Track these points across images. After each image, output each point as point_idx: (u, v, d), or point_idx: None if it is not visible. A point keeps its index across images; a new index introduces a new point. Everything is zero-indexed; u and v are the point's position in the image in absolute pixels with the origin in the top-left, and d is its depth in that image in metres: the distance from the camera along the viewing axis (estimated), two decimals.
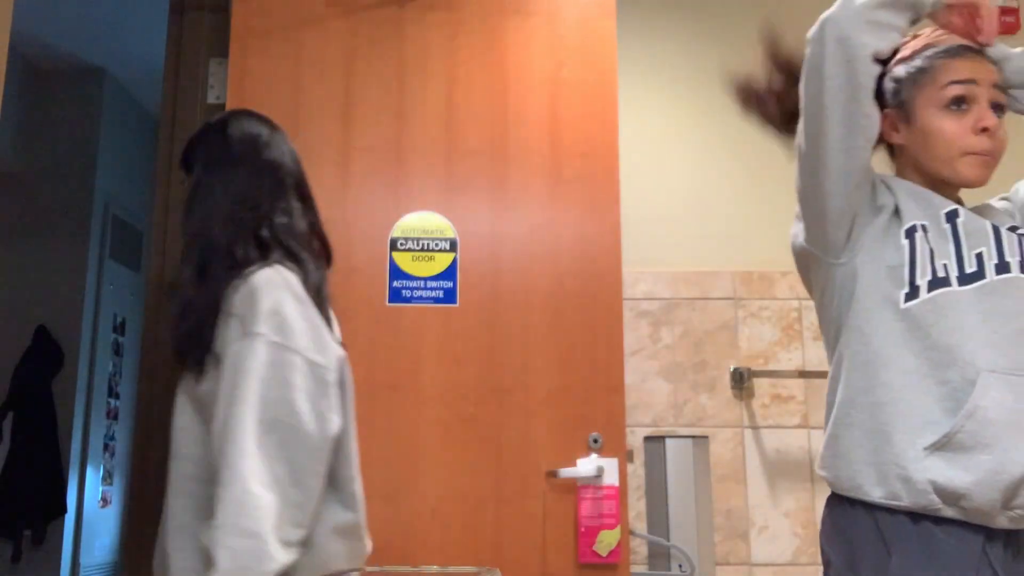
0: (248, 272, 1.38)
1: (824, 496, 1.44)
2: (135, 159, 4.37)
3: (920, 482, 1.21)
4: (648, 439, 2.05)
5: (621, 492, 1.94)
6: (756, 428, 2.32)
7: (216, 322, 1.37)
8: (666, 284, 2.39)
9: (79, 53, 3.89)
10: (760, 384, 2.34)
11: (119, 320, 4.18)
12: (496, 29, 2.16)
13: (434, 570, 1.90)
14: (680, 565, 1.93)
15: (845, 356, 1.33)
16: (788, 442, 2.32)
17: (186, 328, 1.40)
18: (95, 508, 3.93)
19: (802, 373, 2.33)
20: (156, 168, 2.17)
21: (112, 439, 4.11)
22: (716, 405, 2.32)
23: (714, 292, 2.39)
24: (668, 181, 2.47)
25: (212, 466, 1.30)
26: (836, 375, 1.35)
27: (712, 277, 2.41)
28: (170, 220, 2.14)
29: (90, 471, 3.86)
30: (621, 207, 2.13)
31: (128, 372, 4.26)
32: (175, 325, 1.42)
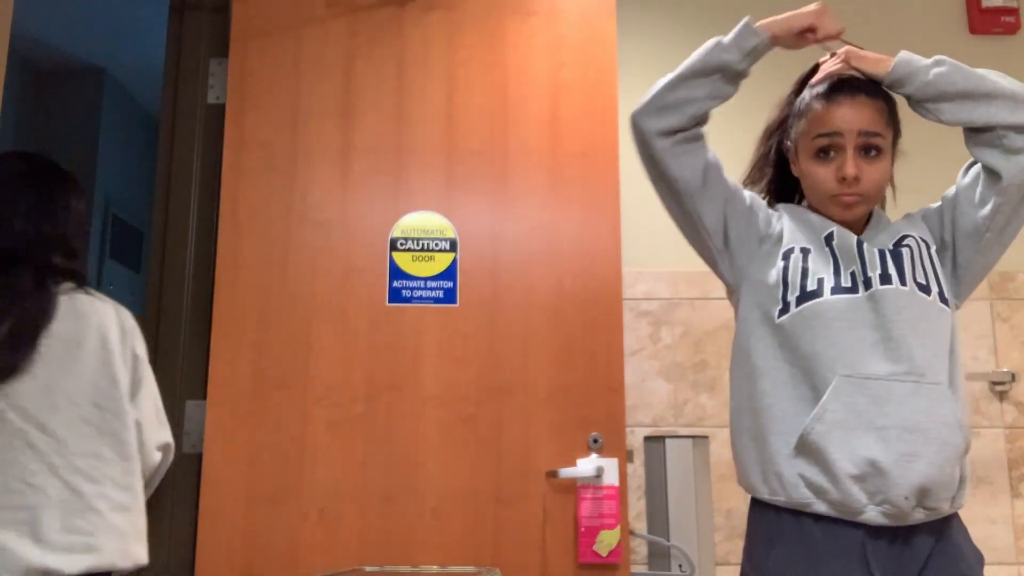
0: None
1: None
2: (135, 159, 4.37)
3: (790, 476, 1.34)
4: (648, 439, 2.05)
5: (621, 492, 1.94)
6: None
7: None
8: (666, 284, 2.39)
9: (79, 53, 3.89)
10: None
11: None
12: (496, 29, 2.16)
13: (434, 570, 1.90)
14: (680, 565, 1.93)
15: (734, 371, 1.48)
16: None
17: None
18: None
19: None
20: (156, 168, 2.17)
21: None
22: (716, 405, 2.32)
23: (714, 292, 2.38)
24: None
25: None
26: (731, 389, 1.50)
27: (712, 277, 2.38)
28: (170, 220, 2.14)
29: None
30: (621, 207, 2.13)
31: None
32: None
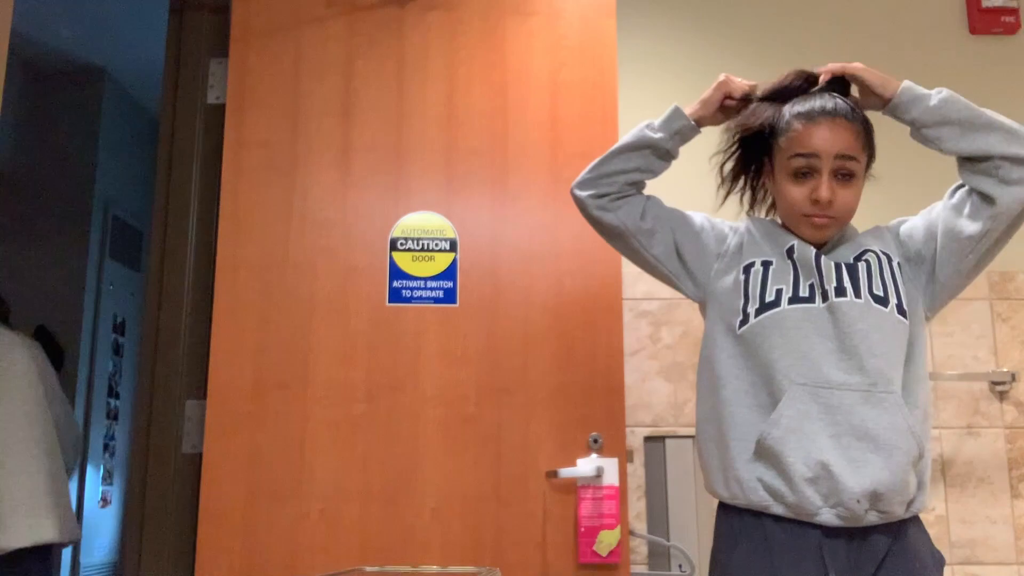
0: None
1: None
2: (135, 159, 4.37)
3: (749, 480, 1.39)
4: (648, 439, 2.05)
5: (621, 492, 1.94)
6: None
7: None
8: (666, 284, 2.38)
9: (79, 53, 3.89)
10: None
11: (119, 320, 4.18)
12: (496, 29, 2.16)
13: (434, 570, 1.90)
14: (680, 565, 1.93)
15: (699, 382, 1.53)
16: None
17: None
18: (95, 508, 3.93)
19: None
20: (156, 168, 2.17)
21: (112, 439, 4.11)
22: None
23: None
24: (668, 181, 2.47)
25: None
26: (696, 399, 1.55)
27: None
28: (170, 220, 2.14)
29: (90, 471, 3.86)
30: None
31: (128, 372, 4.26)
32: None
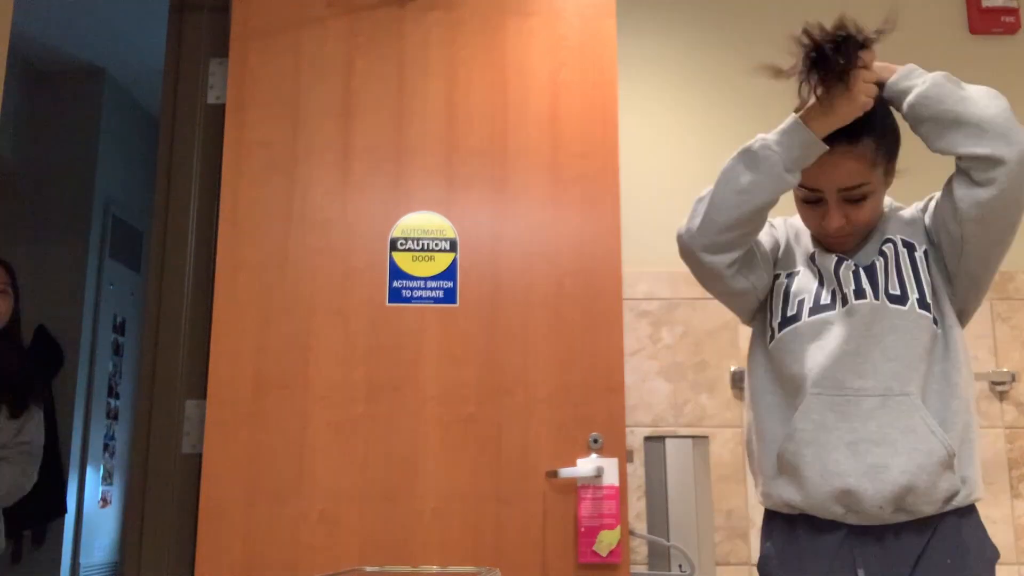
0: None
1: None
2: (135, 159, 4.37)
3: (775, 496, 1.43)
4: (648, 439, 2.05)
5: (621, 492, 1.94)
6: None
7: None
8: (666, 284, 2.38)
9: (79, 53, 3.89)
10: None
11: (119, 320, 4.18)
12: (496, 29, 2.16)
13: (434, 570, 1.90)
14: (680, 565, 1.93)
15: (745, 392, 1.55)
16: None
17: None
18: (95, 508, 3.93)
19: None
20: (156, 168, 2.17)
21: (112, 439, 4.10)
22: (716, 405, 2.32)
23: None
24: (668, 181, 2.47)
25: None
26: (744, 408, 1.57)
27: None
28: (170, 220, 2.14)
29: (90, 471, 3.86)
30: (621, 207, 2.13)
31: (128, 372, 4.25)
32: None
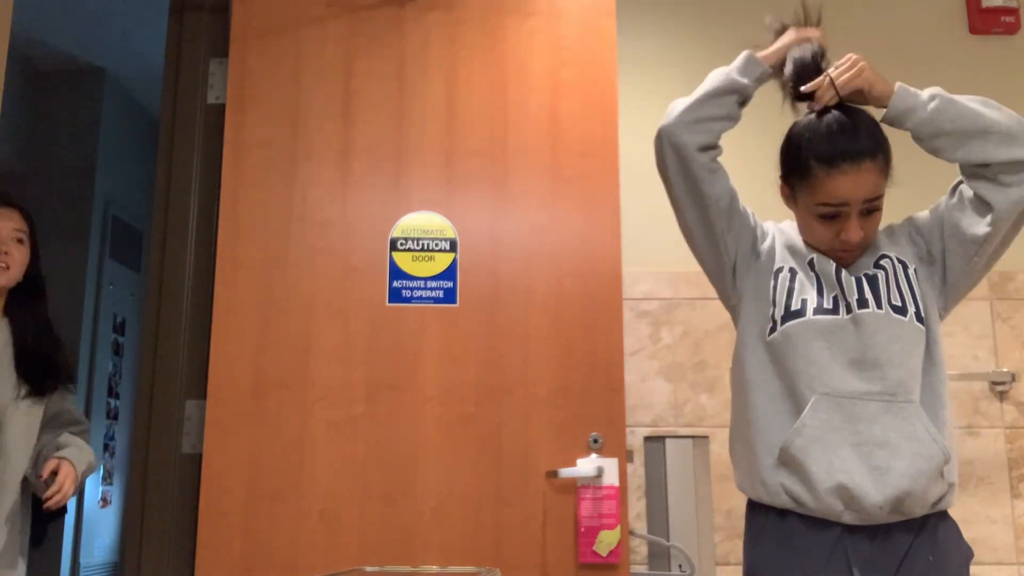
0: None
1: None
2: (135, 159, 4.37)
3: (773, 485, 1.44)
4: (648, 439, 2.05)
5: (621, 492, 1.94)
6: None
7: None
8: (666, 284, 2.38)
9: (79, 53, 3.89)
10: None
11: (119, 320, 4.18)
12: (496, 29, 2.16)
13: (434, 570, 1.90)
14: (680, 565, 1.93)
15: (732, 382, 1.57)
16: None
17: None
18: (95, 508, 3.93)
19: None
20: (156, 168, 2.17)
21: (112, 439, 4.10)
22: (716, 405, 2.32)
23: (714, 292, 2.37)
24: None
25: None
26: (731, 398, 1.58)
27: None
28: (170, 220, 2.14)
29: None
30: (621, 207, 2.13)
31: (128, 372, 4.25)
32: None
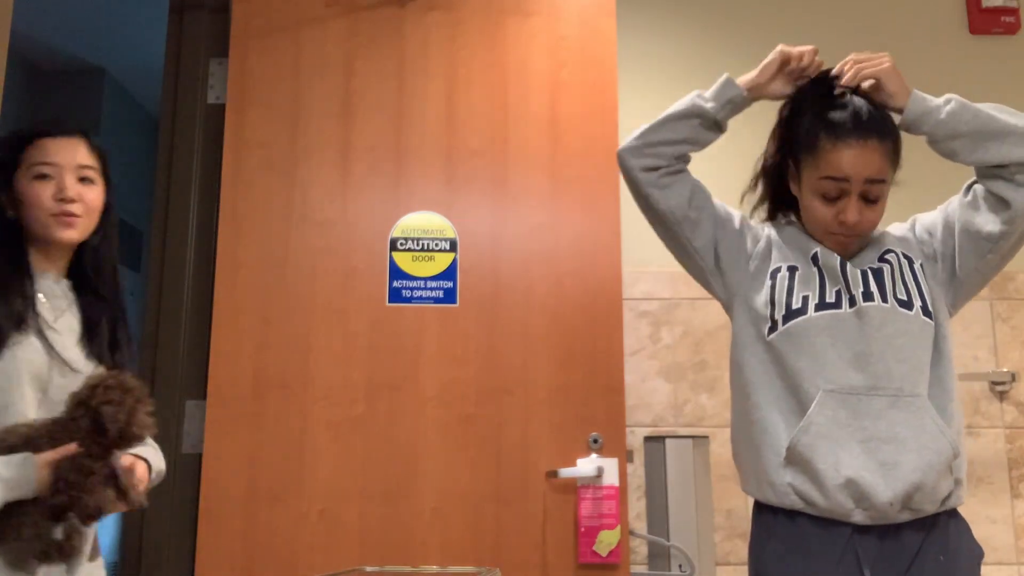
0: None
1: None
2: (135, 159, 4.37)
3: (781, 485, 1.41)
4: (648, 439, 2.05)
5: (621, 492, 1.94)
6: None
7: None
8: (666, 284, 2.38)
9: (79, 53, 3.89)
10: None
11: None
12: (496, 29, 2.16)
13: (434, 570, 1.90)
14: (680, 565, 1.93)
15: (731, 384, 1.54)
16: None
17: None
18: None
19: None
20: (156, 168, 2.17)
21: None
22: (716, 405, 2.32)
23: None
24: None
25: None
26: (731, 399, 1.56)
27: None
28: (170, 220, 2.14)
29: None
30: (621, 207, 2.13)
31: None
32: None
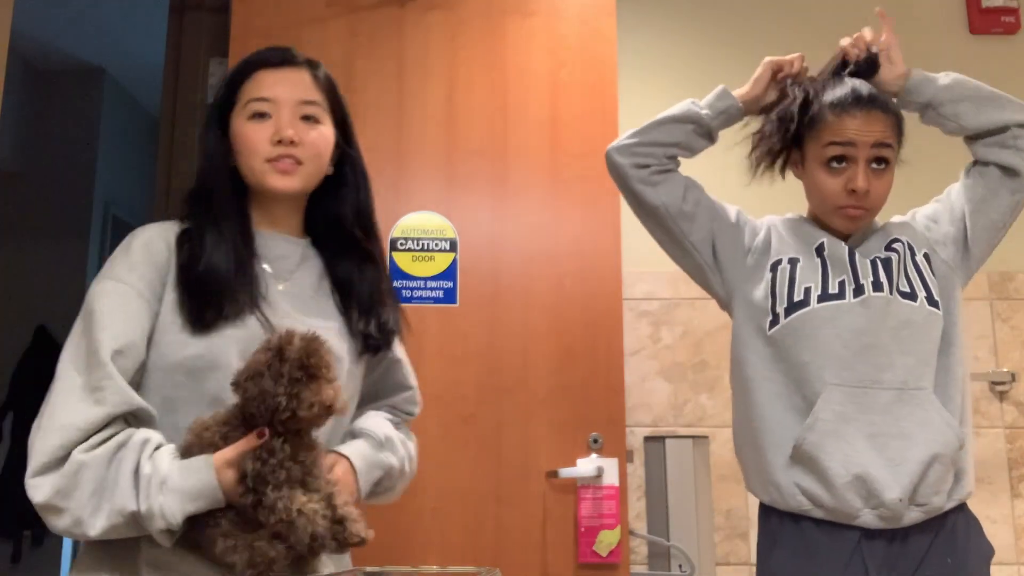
0: None
1: None
2: (135, 159, 4.37)
3: (787, 486, 1.36)
4: (648, 439, 2.05)
5: (621, 492, 1.94)
6: None
7: None
8: (666, 284, 2.38)
9: (79, 53, 3.90)
10: None
11: None
12: (496, 29, 2.16)
13: (434, 570, 1.90)
14: (680, 565, 1.93)
15: (732, 382, 1.50)
16: None
17: None
18: None
19: None
20: (156, 168, 2.17)
21: None
22: (716, 405, 2.32)
23: None
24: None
25: None
26: (731, 398, 1.52)
27: None
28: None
29: None
30: (621, 207, 2.13)
31: None
32: None
